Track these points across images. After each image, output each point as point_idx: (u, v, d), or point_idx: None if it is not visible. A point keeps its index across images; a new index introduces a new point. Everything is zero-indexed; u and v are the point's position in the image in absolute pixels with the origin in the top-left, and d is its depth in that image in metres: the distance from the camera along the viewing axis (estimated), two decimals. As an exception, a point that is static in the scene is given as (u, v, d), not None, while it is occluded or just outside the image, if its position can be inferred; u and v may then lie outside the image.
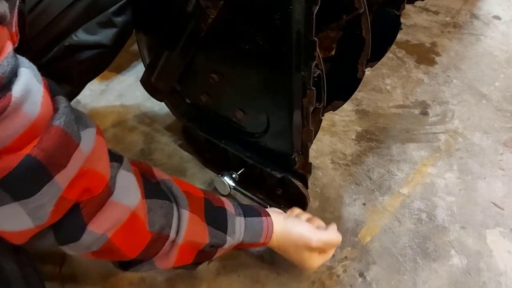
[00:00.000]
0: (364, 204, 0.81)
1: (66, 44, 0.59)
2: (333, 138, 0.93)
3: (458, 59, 1.15)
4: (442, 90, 1.06)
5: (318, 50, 0.51)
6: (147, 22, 0.71)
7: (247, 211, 0.61)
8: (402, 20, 0.72)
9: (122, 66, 1.10)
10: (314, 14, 0.48)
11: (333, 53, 0.70)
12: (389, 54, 1.14)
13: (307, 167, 0.67)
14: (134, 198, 0.46)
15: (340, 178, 0.85)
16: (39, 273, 0.53)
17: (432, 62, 1.14)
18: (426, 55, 1.16)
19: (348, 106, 1.00)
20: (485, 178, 0.86)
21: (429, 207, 0.80)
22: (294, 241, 0.62)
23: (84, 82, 0.70)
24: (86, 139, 0.40)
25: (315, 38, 0.50)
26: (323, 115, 0.68)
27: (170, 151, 0.90)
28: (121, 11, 0.61)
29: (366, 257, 0.73)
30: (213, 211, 0.56)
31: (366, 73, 0.68)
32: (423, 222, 0.78)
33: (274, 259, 0.72)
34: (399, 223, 0.78)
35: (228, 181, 0.75)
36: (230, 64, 0.64)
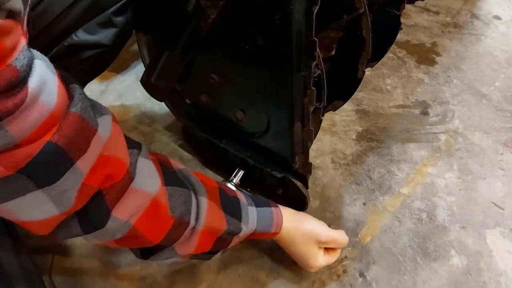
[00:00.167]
0: (364, 204, 0.81)
1: (66, 44, 0.59)
2: (333, 138, 0.93)
3: (458, 59, 1.15)
4: (442, 90, 1.06)
5: (318, 50, 0.51)
6: (147, 22, 0.71)
7: (258, 202, 0.62)
8: (403, 20, 0.72)
9: (122, 66, 1.10)
10: (314, 14, 0.48)
11: (333, 53, 0.70)
12: (389, 54, 1.14)
13: (307, 167, 0.67)
14: (154, 184, 0.47)
15: (340, 178, 0.85)
16: (39, 270, 0.53)
17: (432, 62, 1.14)
18: (426, 55, 1.16)
19: (348, 106, 1.00)
20: (485, 178, 0.86)
21: (429, 207, 0.80)
22: (305, 233, 0.63)
23: (84, 82, 0.70)
24: (103, 125, 0.40)
25: (315, 38, 0.50)
26: (324, 115, 0.68)
27: (170, 151, 0.90)
28: (121, 11, 0.61)
29: (366, 257, 0.73)
30: (228, 200, 0.57)
31: (367, 73, 0.68)
32: (423, 222, 0.78)
33: (274, 259, 0.72)
34: (400, 223, 0.78)
35: (230, 187, 0.75)
36: (230, 64, 0.64)
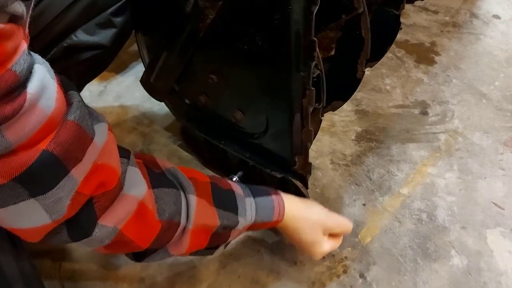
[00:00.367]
0: (364, 204, 0.81)
1: (65, 44, 0.59)
2: (332, 138, 0.93)
3: (457, 59, 1.15)
4: (441, 90, 1.05)
5: (317, 50, 0.51)
6: (146, 22, 0.71)
7: (256, 192, 0.61)
8: (402, 19, 0.72)
9: (121, 67, 1.10)
10: (314, 14, 0.48)
11: (332, 53, 0.70)
12: (388, 54, 1.14)
13: (307, 168, 0.67)
14: (141, 189, 0.46)
15: (340, 178, 0.85)
16: (38, 273, 0.53)
17: (431, 62, 1.14)
18: (425, 55, 1.16)
19: (347, 106, 1.00)
20: (485, 178, 0.85)
21: (429, 207, 0.80)
22: (311, 220, 0.63)
23: (83, 83, 0.70)
24: (99, 134, 0.40)
25: (315, 38, 0.50)
26: (323, 116, 0.67)
27: (169, 152, 0.90)
28: (120, 12, 0.61)
29: (367, 257, 0.73)
30: (221, 194, 0.56)
31: (366, 73, 0.67)
32: (424, 222, 0.78)
33: (274, 260, 0.72)
34: (399, 224, 0.78)
35: None
36: (229, 64, 0.64)
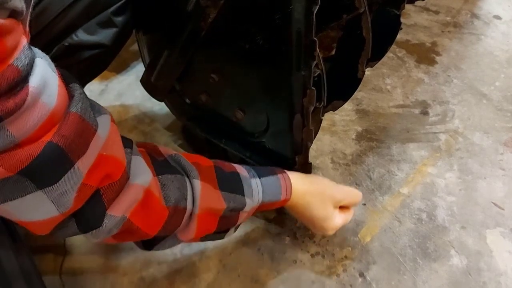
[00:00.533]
0: (364, 204, 0.81)
1: (66, 44, 0.59)
2: (333, 137, 0.93)
3: (458, 59, 1.15)
4: (442, 90, 1.05)
5: (318, 49, 0.51)
6: (147, 21, 0.71)
7: (261, 172, 0.61)
8: (402, 19, 0.72)
9: (121, 66, 1.10)
10: (314, 13, 0.48)
11: (333, 52, 0.70)
12: (389, 54, 1.14)
13: (307, 167, 0.67)
14: (146, 176, 0.47)
15: (340, 178, 0.85)
16: (38, 270, 0.53)
17: (432, 62, 1.14)
18: (426, 55, 1.16)
19: (348, 106, 1.00)
20: (485, 178, 0.85)
21: (429, 207, 0.80)
22: (320, 194, 0.62)
23: (84, 82, 0.70)
24: (102, 125, 0.41)
25: (315, 38, 0.50)
26: (323, 115, 0.68)
27: (170, 151, 0.90)
28: (121, 11, 0.61)
29: (366, 257, 0.73)
30: (225, 177, 0.56)
31: (366, 72, 0.68)
32: (423, 222, 0.78)
33: (273, 258, 0.72)
34: (399, 223, 0.78)
35: None
36: (230, 63, 0.64)
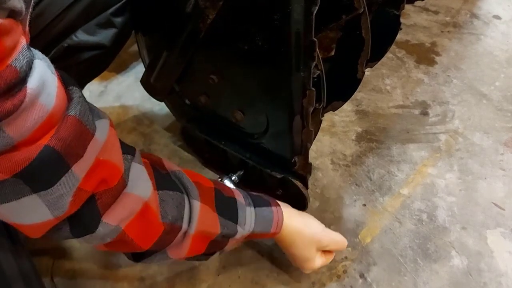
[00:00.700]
0: (364, 205, 0.81)
1: (65, 45, 0.59)
2: (333, 138, 0.93)
3: (458, 59, 1.15)
4: (442, 90, 1.05)
5: (317, 50, 0.51)
6: (147, 22, 0.71)
7: (257, 201, 0.60)
8: (402, 20, 0.71)
9: (121, 67, 1.10)
10: (314, 14, 0.48)
11: (332, 53, 0.70)
12: (389, 54, 1.14)
13: (307, 168, 0.67)
14: (146, 189, 0.46)
15: (340, 178, 0.85)
16: (37, 272, 0.53)
17: (432, 62, 1.14)
18: (426, 55, 1.16)
19: (348, 107, 1.00)
20: (485, 178, 0.85)
21: (429, 208, 0.80)
22: (307, 237, 0.62)
23: (83, 83, 0.70)
24: (100, 130, 0.40)
25: (315, 39, 0.50)
26: (323, 116, 0.67)
27: (169, 152, 0.90)
28: (120, 12, 0.61)
29: (367, 258, 0.73)
30: (223, 202, 0.56)
31: (366, 73, 0.67)
32: (424, 223, 0.78)
33: (274, 260, 0.72)
34: (400, 224, 0.78)
35: (228, 184, 0.75)
36: (230, 64, 0.63)
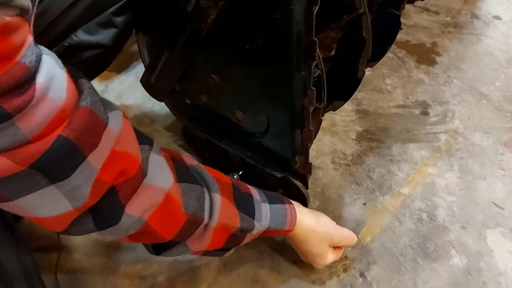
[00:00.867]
0: (364, 204, 0.81)
1: (66, 44, 0.59)
2: (333, 138, 0.93)
3: (458, 59, 1.15)
4: (442, 90, 1.05)
5: (318, 50, 0.51)
6: (147, 22, 0.71)
7: (271, 198, 0.61)
8: (402, 20, 0.72)
9: (122, 66, 1.11)
10: (314, 14, 0.48)
11: (333, 53, 0.70)
12: (389, 54, 1.14)
13: (307, 167, 0.67)
14: (167, 180, 0.47)
15: (340, 178, 0.85)
16: (38, 270, 0.53)
17: (432, 62, 1.14)
18: (426, 55, 1.16)
19: (348, 106, 1.00)
20: (485, 178, 0.85)
21: (429, 207, 0.80)
22: (320, 234, 0.64)
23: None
24: (113, 120, 0.41)
25: (315, 38, 0.50)
26: (323, 115, 0.68)
27: (170, 151, 0.90)
28: (121, 11, 0.61)
29: (367, 257, 0.73)
30: (241, 197, 0.57)
31: (366, 73, 0.68)
32: (424, 222, 0.78)
33: (274, 258, 0.72)
34: (400, 223, 0.78)
35: None
36: (230, 64, 0.64)
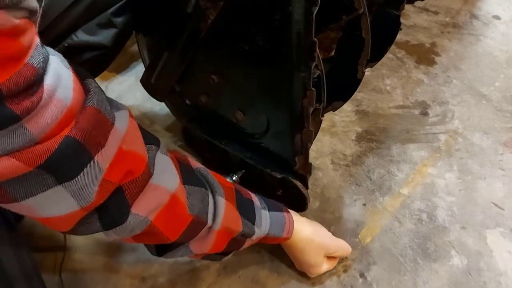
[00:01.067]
0: (364, 204, 0.81)
1: (66, 44, 0.59)
2: (333, 138, 0.93)
3: (458, 59, 1.15)
4: (442, 91, 1.05)
5: (318, 50, 0.52)
6: (147, 22, 0.71)
7: (270, 206, 0.62)
8: (402, 20, 0.72)
9: (121, 67, 1.10)
10: (314, 14, 0.48)
11: (333, 53, 0.70)
12: (388, 55, 1.14)
13: (307, 168, 0.67)
14: (173, 181, 0.47)
15: (340, 178, 0.85)
16: (39, 271, 0.53)
17: (432, 63, 1.14)
18: (426, 56, 1.16)
19: (348, 107, 1.00)
20: (485, 178, 0.86)
21: (429, 208, 0.80)
22: (317, 245, 0.65)
23: (84, 83, 0.70)
24: (120, 119, 0.41)
25: (315, 39, 0.50)
26: (323, 116, 0.68)
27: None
28: (120, 12, 0.61)
29: (367, 257, 0.73)
30: (243, 202, 0.57)
31: (366, 73, 0.68)
32: (424, 223, 0.78)
33: (274, 260, 0.72)
34: (400, 224, 0.78)
35: None
36: (230, 64, 0.64)
